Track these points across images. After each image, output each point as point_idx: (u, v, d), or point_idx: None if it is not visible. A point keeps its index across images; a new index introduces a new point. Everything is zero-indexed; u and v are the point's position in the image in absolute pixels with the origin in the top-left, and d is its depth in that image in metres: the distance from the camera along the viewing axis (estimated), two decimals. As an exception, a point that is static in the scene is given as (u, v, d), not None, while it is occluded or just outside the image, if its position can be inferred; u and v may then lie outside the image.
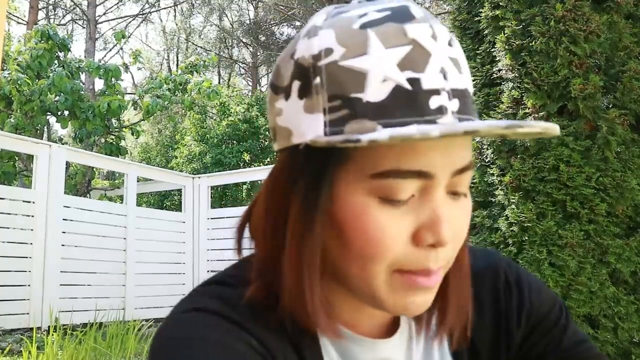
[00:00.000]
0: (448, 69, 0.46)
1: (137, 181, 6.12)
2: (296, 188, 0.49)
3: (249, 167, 10.50)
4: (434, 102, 0.44)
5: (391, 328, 0.58)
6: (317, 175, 0.48)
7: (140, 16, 20.72)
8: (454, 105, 0.45)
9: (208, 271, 6.30)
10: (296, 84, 0.48)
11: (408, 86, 0.44)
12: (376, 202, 0.46)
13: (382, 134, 0.41)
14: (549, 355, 0.61)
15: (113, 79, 7.62)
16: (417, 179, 0.45)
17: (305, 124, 0.47)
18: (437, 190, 0.47)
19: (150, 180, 7.29)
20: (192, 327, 0.48)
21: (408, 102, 0.44)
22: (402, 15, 0.46)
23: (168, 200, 11.75)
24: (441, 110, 0.44)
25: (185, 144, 12.02)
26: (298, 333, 0.51)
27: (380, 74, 0.44)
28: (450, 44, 0.47)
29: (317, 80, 0.46)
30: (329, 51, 0.46)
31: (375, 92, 0.44)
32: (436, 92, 0.44)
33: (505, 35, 3.18)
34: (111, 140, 7.93)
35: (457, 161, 0.47)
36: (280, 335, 0.51)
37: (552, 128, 0.43)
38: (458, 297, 0.55)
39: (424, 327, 0.57)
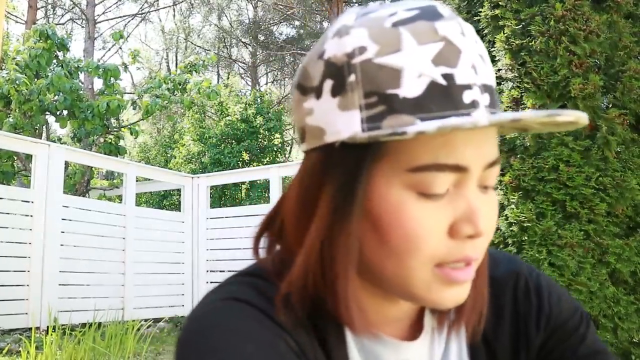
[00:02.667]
0: (478, 64, 0.47)
1: (136, 181, 6.11)
2: (332, 185, 0.49)
3: (248, 166, 10.49)
4: (467, 97, 0.45)
5: (415, 330, 0.58)
6: (353, 171, 0.48)
7: (139, 16, 20.70)
8: (485, 99, 0.47)
9: (207, 271, 6.29)
10: (328, 83, 0.49)
11: (443, 81, 0.45)
12: (413, 196, 0.47)
13: (428, 125, 0.43)
14: None
15: (112, 79, 7.61)
16: (454, 173, 0.47)
17: (341, 122, 0.47)
18: (471, 184, 0.48)
19: (149, 180, 7.29)
20: (231, 317, 0.47)
21: (444, 97, 0.45)
22: (431, 14, 0.48)
23: (167, 200, 11.74)
24: (474, 105, 0.46)
25: (184, 144, 12.01)
26: (326, 332, 0.52)
27: (416, 70, 0.45)
28: (476, 41, 0.49)
29: (352, 77, 0.47)
30: (362, 49, 0.47)
31: (411, 87, 0.45)
32: (469, 87, 0.46)
33: (505, 34, 3.18)
34: (110, 140, 7.92)
35: (488, 155, 0.48)
36: (310, 334, 0.51)
37: (583, 117, 0.44)
38: (475, 293, 0.55)
39: (444, 324, 0.58)
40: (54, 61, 7.51)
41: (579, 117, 0.43)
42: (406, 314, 0.57)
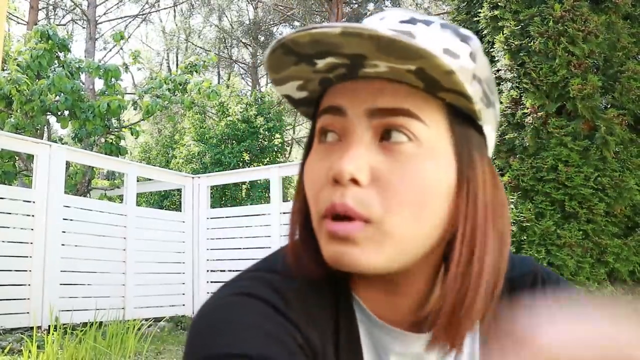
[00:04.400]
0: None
1: (137, 181, 6.12)
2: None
3: (248, 166, 10.50)
4: None
5: (427, 325, 0.55)
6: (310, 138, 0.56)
7: (140, 16, 20.72)
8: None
9: (208, 271, 6.30)
10: None
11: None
12: (316, 144, 0.52)
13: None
14: None
15: (113, 79, 7.62)
16: (334, 116, 0.50)
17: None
18: (354, 130, 0.48)
19: (150, 180, 7.30)
20: (241, 313, 0.47)
21: None
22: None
23: (168, 200, 11.75)
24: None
25: (185, 144, 12.02)
26: (340, 323, 0.53)
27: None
28: (406, 22, 0.52)
29: None
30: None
31: None
32: None
33: (504, 35, 3.19)
34: (111, 140, 7.93)
35: (370, 100, 0.48)
36: (323, 327, 0.51)
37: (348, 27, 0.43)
38: (450, 295, 0.49)
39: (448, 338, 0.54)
40: (55, 62, 7.52)
41: (346, 28, 0.42)
42: (407, 305, 0.55)
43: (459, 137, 0.50)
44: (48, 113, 7.45)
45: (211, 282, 6.23)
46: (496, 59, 3.28)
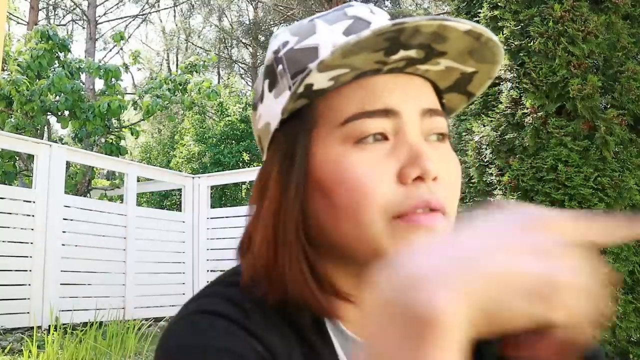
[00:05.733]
0: None
1: (137, 181, 6.13)
2: (278, 163, 0.52)
3: (248, 166, 10.51)
4: None
5: None
6: (292, 142, 0.51)
7: (140, 17, 20.72)
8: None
9: (208, 271, 6.31)
10: (266, 83, 0.55)
11: None
12: (350, 148, 0.48)
13: (309, 72, 0.46)
14: None
15: (113, 79, 7.63)
16: (385, 118, 0.48)
17: (278, 106, 0.52)
18: (410, 129, 0.49)
19: (150, 180, 7.30)
20: (200, 333, 0.48)
21: None
22: (344, 5, 0.55)
23: (168, 200, 11.75)
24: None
25: (185, 144, 12.03)
26: (305, 329, 0.51)
27: (329, 42, 0.51)
28: (392, 19, 0.53)
29: (280, 67, 0.53)
30: (285, 43, 0.54)
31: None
32: None
33: (504, 35, 3.19)
34: (111, 140, 7.94)
35: (420, 100, 0.50)
36: (285, 334, 0.50)
37: (479, 28, 0.46)
38: None
39: None
40: (56, 62, 7.53)
41: (475, 27, 0.45)
42: None
43: (449, 127, 0.55)
44: (48, 113, 7.45)
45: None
46: (496, 59, 3.29)
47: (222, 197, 10.79)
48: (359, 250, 0.49)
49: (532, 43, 3.06)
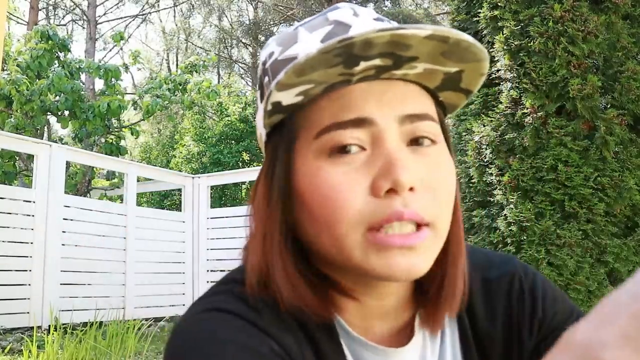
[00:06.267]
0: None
1: (137, 181, 6.13)
2: (263, 175, 0.54)
3: (248, 166, 10.51)
4: None
5: (405, 336, 0.57)
6: (273, 155, 0.52)
7: (140, 16, 20.72)
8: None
9: (208, 271, 6.31)
10: (258, 94, 0.57)
11: None
12: (326, 161, 0.48)
13: (270, 93, 0.46)
14: None
15: (113, 79, 7.62)
16: (359, 128, 0.47)
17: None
18: (387, 138, 0.47)
19: (150, 180, 7.30)
20: (216, 328, 0.47)
21: None
22: (331, 8, 0.54)
23: (168, 200, 11.75)
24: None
25: (184, 144, 12.03)
26: (316, 332, 0.52)
27: (306, 51, 0.50)
28: (378, 19, 0.53)
29: (266, 79, 0.54)
30: (271, 54, 0.55)
31: None
32: None
33: (504, 35, 3.19)
34: (111, 140, 7.94)
35: (399, 107, 0.48)
36: (298, 335, 0.51)
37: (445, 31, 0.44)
38: (454, 271, 0.54)
39: (431, 323, 0.56)
40: (55, 62, 7.52)
41: (436, 31, 0.43)
42: (392, 311, 0.56)
43: (445, 128, 0.54)
44: (48, 113, 7.45)
45: (211, 282, 6.22)
46: (496, 59, 3.28)
47: (222, 197, 10.79)
48: (338, 261, 0.49)
49: (532, 43, 3.06)
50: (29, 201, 4.74)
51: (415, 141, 0.49)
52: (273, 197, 0.51)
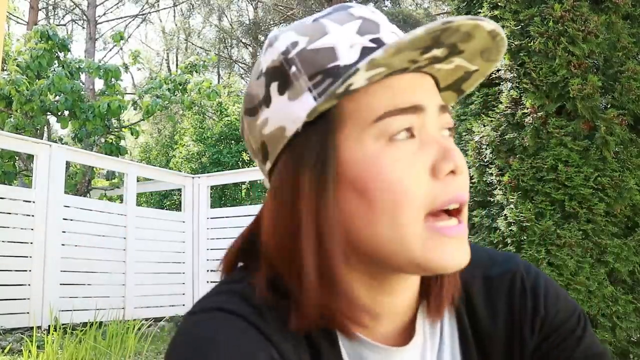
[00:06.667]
0: (397, 31, 0.54)
1: (137, 181, 6.13)
2: (307, 168, 0.49)
3: (248, 166, 10.51)
4: None
5: (407, 336, 0.57)
6: (322, 144, 0.49)
7: (140, 16, 20.72)
8: None
9: (208, 270, 6.31)
10: (274, 86, 0.52)
11: (373, 45, 0.50)
12: (385, 145, 0.48)
13: (357, 71, 0.46)
14: None
15: (113, 79, 7.63)
16: (413, 114, 0.49)
17: (296, 109, 0.50)
18: (434, 126, 0.51)
19: (150, 179, 7.30)
20: (216, 329, 0.47)
21: None
22: (342, 7, 0.55)
23: (168, 200, 11.75)
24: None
25: (184, 144, 12.03)
26: (318, 336, 0.51)
27: (346, 42, 0.50)
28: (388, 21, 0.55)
29: (293, 69, 0.51)
30: (294, 44, 0.52)
31: (348, 56, 0.50)
32: None
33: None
34: (111, 140, 7.94)
35: (436, 97, 0.52)
36: (300, 340, 0.50)
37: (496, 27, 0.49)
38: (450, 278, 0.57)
39: (433, 314, 0.57)
40: (55, 62, 7.52)
41: (497, 27, 0.48)
42: (401, 310, 0.56)
43: None
44: (48, 113, 7.45)
45: (211, 282, 6.23)
46: (496, 59, 3.29)
47: (222, 197, 10.79)
48: (392, 256, 0.49)
49: (532, 43, 3.06)
50: (29, 201, 4.74)
51: (442, 130, 0.52)
52: (329, 190, 0.49)
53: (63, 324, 3.98)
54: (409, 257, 0.48)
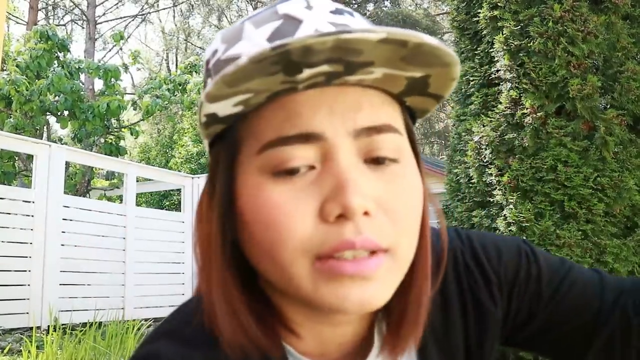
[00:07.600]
0: (325, 28, 0.45)
1: (137, 181, 6.13)
2: (204, 191, 0.48)
3: (248, 167, 10.53)
4: None
5: (365, 349, 0.52)
6: (213, 169, 0.47)
7: (140, 17, 20.73)
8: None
9: (207, 271, 6.31)
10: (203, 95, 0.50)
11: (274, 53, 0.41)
12: (269, 179, 0.42)
13: (202, 105, 0.41)
14: (538, 314, 0.55)
15: (112, 79, 7.63)
16: (306, 144, 0.41)
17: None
18: (338, 155, 0.41)
19: (149, 180, 7.30)
20: None
21: None
22: (279, 2, 0.48)
23: (167, 200, 11.76)
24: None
25: (183, 145, 12.03)
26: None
27: (250, 52, 0.42)
28: (336, 12, 0.46)
29: (209, 80, 0.49)
30: (215, 52, 0.49)
31: None
32: None
33: (504, 35, 3.19)
34: (110, 140, 7.94)
35: (353, 118, 0.42)
36: None
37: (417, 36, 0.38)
38: (417, 303, 0.48)
39: (392, 339, 0.50)
40: (55, 62, 7.53)
41: (392, 34, 0.37)
42: (350, 334, 0.51)
43: (412, 136, 0.48)
44: (48, 113, 7.45)
45: (211, 282, 6.24)
46: (495, 59, 3.29)
47: (221, 197, 10.80)
48: (287, 290, 0.44)
49: (531, 43, 3.06)
50: (29, 201, 4.74)
51: (375, 160, 0.43)
52: (214, 216, 0.45)
53: (62, 324, 3.98)
54: (302, 296, 0.43)
